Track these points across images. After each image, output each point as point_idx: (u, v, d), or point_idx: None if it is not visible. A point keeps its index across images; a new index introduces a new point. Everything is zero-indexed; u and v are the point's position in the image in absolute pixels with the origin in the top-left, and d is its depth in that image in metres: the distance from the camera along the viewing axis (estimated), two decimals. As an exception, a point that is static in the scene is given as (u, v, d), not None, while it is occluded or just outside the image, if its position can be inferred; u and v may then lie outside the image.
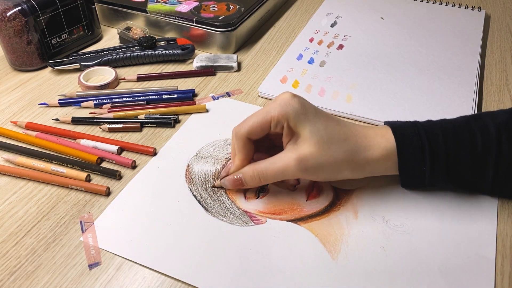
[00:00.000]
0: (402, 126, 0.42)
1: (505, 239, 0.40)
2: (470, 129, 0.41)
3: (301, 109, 0.40)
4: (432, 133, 0.41)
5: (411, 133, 0.41)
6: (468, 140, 0.40)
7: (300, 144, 0.40)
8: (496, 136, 0.40)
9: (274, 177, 0.41)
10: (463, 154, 0.40)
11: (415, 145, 0.40)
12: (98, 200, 0.44)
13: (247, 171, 0.42)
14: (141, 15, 0.70)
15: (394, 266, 0.38)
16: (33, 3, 0.58)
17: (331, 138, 0.40)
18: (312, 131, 0.39)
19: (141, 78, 0.62)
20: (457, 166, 0.40)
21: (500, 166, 0.40)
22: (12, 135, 0.51)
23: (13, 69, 0.63)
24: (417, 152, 0.40)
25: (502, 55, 0.67)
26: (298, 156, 0.39)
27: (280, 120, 0.39)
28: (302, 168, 0.39)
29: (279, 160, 0.40)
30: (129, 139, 0.51)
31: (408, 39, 0.69)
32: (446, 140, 0.40)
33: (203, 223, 0.42)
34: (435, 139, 0.40)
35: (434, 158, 0.40)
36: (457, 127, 0.41)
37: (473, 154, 0.40)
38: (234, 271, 0.37)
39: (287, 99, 0.40)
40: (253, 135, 0.41)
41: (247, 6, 0.69)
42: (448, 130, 0.41)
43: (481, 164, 0.40)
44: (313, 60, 0.65)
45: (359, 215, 0.42)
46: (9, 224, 0.42)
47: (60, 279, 0.37)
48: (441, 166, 0.40)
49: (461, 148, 0.40)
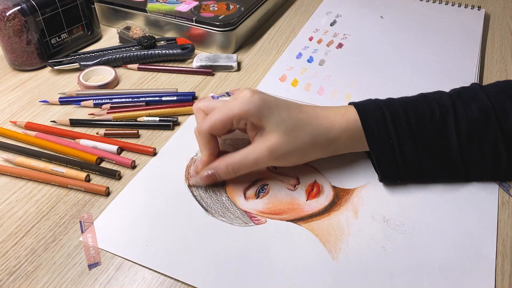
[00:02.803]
0: (363, 103, 0.45)
1: (505, 239, 0.40)
2: (427, 99, 0.44)
3: (263, 104, 0.41)
4: (392, 105, 0.44)
5: (372, 107, 0.44)
6: (426, 108, 0.43)
7: (268, 136, 0.42)
8: (451, 102, 0.43)
9: (248, 169, 0.43)
10: (424, 120, 0.43)
11: (377, 117, 0.43)
12: (98, 200, 0.44)
13: (219, 166, 0.43)
14: (140, 14, 0.69)
15: (394, 266, 0.38)
16: (33, 2, 0.58)
17: (296, 126, 0.42)
18: (278, 122, 0.41)
19: (141, 69, 0.63)
20: (421, 133, 0.43)
21: (460, 128, 0.42)
22: (11, 135, 0.51)
23: (13, 69, 0.63)
24: (380, 122, 0.43)
25: (502, 55, 0.67)
26: (268, 147, 0.41)
27: (242, 117, 0.41)
28: (273, 157, 0.42)
29: (251, 153, 0.42)
30: (129, 139, 0.51)
31: (407, 38, 0.69)
32: (405, 109, 0.43)
33: (203, 223, 0.41)
34: (395, 110, 0.43)
35: (396, 126, 0.42)
36: (414, 99, 0.45)
37: (433, 119, 0.43)
38: (234, 271, 0.37)
39: (248, 96, 0.41)
40: (215, 132, 0.43)
41: (247, 5, 0.69)
42: (407, 102, 0.44)
43: (442, 127, 0.43)
44: (312, 58, 0.65)
45: (359, 214, 0.42)
46: (9, 224, 0.42)
47: (60, 279, 0.37)
48: (406, 134, 0.42)
49: (421, 116, 0.43)
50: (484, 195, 0.44)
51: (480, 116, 0.42)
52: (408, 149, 0.43)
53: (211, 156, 0.44)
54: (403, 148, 0.43)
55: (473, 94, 0.44)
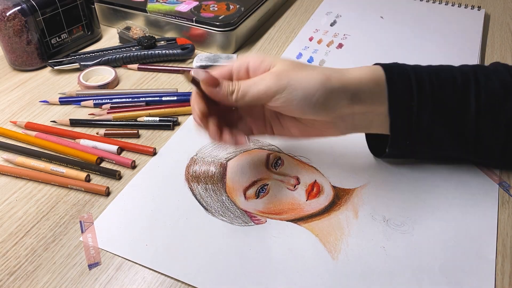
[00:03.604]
0: (390, 64, 0.44)
1: (505, 239, 0.40)
2: (450, 69, 0.45)
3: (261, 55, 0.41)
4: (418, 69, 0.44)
5: (398, 67, 0.43)
6: (449, 76, 0.43)
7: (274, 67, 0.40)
8: (473, 72, 0.44)
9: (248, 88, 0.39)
10: (446, 87, 0.43)
11: (403, 76, 0.42)
12: (98, 200, 0.44)
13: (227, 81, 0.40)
14: (140, 14, 0.69)
15: (394, 266, 0.38)
16: (33, 2, 0.58)
17: (305, 66, 0.41)
18: (284, 60, 0.41)
19: (141, 69, 0.63)
20: (442, 99, 0.42)
21: (480, 98, 0.42)
22: (11, 135, 0.51)
23: (13, 69, 0.63)
24: (406, 82, 0.42)
25: (502, 55, 0.67)
26: (274, 71, 0.39)
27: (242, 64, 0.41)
28: (277, 80, 0.38)
29: (260, 80, 0.39)
30: (129, 139, 0.51)
31: (407, 38, 0.69)
32: (430, 73, 0.43)
33: (203, 223, 0.41)
34: (420, 73, 0.43)
35: (420, 89, 0.42)
36: (438, 68, 0.45)
37: (454, 86, 0.43)
38: (234, 271, 0.37)
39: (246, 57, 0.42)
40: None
41: (247, 5, 0.69)
42: (431, 69, 0.44)
43: (462, 95, 0.43)
44: (312, 59, 0.65)
45: (359, 214, 0.42)
46: (9, 224, 0.42)
47: (60, 279, 0.37)
48: (428, 98, 0.42)
49: (444, 82, 0.43)
50: (484, 195, 0.44)
51: (500, 90, 0.43)
52: (426, 113, 0.42)
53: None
54: (421, 112, 0.42)
55: (495, 69, 0.45)
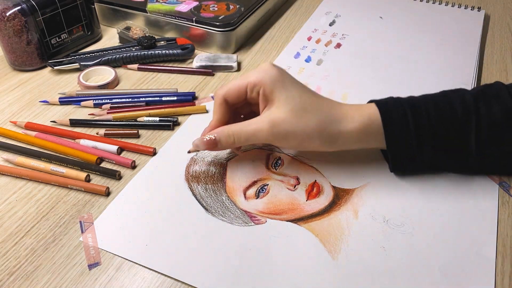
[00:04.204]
0: (385, 100, 0.44)
1: (505, 239, 0.40)
2: (449, 98, 0.43)
3: (278, 76, 0.41)
4: (413, 103, 0.43)
5: (393, 105, 0.43)
6: (448, 108, 0.42)
7: (274, 109, 0.41)
8: (474, 101, 0.42)
9: (247, 139, 0.42)
10: (445, 120, 0.42)
11: (399, 115, 0.42)
12: (98, 200, 0.44)
13: (221, 131, 0.43)
14: (140, 15, 0.69)
15: (394, 266, 0.38)
16: (33, 3, 0.58)
17: (305, 107, 0.41)
18: (287, 97, 0.41)
19: (141, 69, 0.63)
20: (441, 134, 0.42)
21: (482, 129, 0.42)
22: (11, 135, 0.51)
23: (13, 69, 0.63)
24: (402, 120, 0.42)
25: (502, 55, 0.67)
26: (271, 120, 0.41)
27: (256, 85, 0.41)
28: (273, 132, 0.41)
29: (253, 123, 0.42)
30: (129, 139, 0.51)
31: (406, 39, 0.69)
32: (427, 108, 0.42)
33: (203, 223, 0.41)
34: (417, 109, 0.42)
35: (418, 125, 0.41)
36: (436, 98, 0.43)
37: (454, 119, 0.42)
38: (234, 271, 0.37)
39: (266, 67, 0.42)
40: (230, 97, 0.43)
41: (247, 5, 0.69)
42: (429, 101, 0.43)
43: (463, 128, 0.42)
44: (310, 58, 0.65)
45: (359, 215, 0.42)
46: (9, 224, 0.42)
47: (60, 279, 0.37)
48: (426, 134, 0.42)
49: (442, 115, 0.42)
50: (484, 195, 0.44)
51: (502, 118, 0.41)
52: (427, 149, 0.42)
53: (219, 122, 0.44)
54: (422, 149, 0.42)
55: (497, 93, 0.43)
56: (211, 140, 0.43)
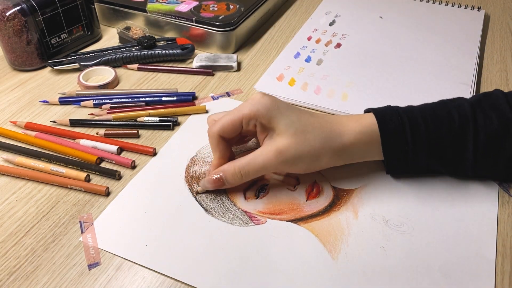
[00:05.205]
0: (381, 109, 0.44)
1: (505, 239, 0.40)
2: (447, 108, 0.43)
3: (272, 105, 0.41)
4: (411, 112, 0.43)
5: (390, 113, 0.43)
6: (445, 117, 0.42)
7: (277, 137, 0.41)
8: (471, 111, 0.42)
9: (256, 173, 0.42)
10: (442, 129, 0.42)
11: (396, 123, 0.42)
12: (98, 200, 0.44)
13: (227, 169, 0.42)
14: (140, 14, 0.69)
15: (394, 266, 0.38)
16: (33, 2, 0.58)
17: (306, 128, 0.41)
18: (287, 123, 0.41)
19: (141, 69, 0.63)
20: (437, 142, 0.42)
21: (478, 139, 0.41)
22: (11, 135, 0.51)
23: (13, 69, 0.63)
24: (399, 128, 0.42)
25: (502, 55, 0.67)
26: (277, 149, 0.40)
27: (252, 118, 0.41)
28: (282, 160, 0.40)
29: (259, 155, 0.41)
30: (129, 139, 0.51)
31: (406, 39, 0.69)
32: (424, 117, 0.42)
33: (203, 223, 0.41)
34: (414, 117, 0.42)
35: (414, 133, 0.42)
36: (434, 107, 0.43)
37: (451, 128, 0.42)
38: (234, 271, 0.37)
39: (258, 97, 0.42)
40: (225, 133, 0.42)
41: (247, 5, 0.69)
42: (426, 110, 0.43)
43: (460, 138, 0.42)
44: (310, 58, 0.65)
45: (359, 215, 0.42)
46: (9, 224, 0.42)
47: (60, 279, 0.37)
48: (422, 142, 0.42)
49: (440, 124, 0.42)
50: (484, 195, 0.44)
51: (499, 128, 0.41)
52: (422, 156, 0.42)
53: (221, 159, 0.43)
54: (417, 156, 0.42)
55: (495, 103, 0.43)
56: (218, 179, 0.42)
